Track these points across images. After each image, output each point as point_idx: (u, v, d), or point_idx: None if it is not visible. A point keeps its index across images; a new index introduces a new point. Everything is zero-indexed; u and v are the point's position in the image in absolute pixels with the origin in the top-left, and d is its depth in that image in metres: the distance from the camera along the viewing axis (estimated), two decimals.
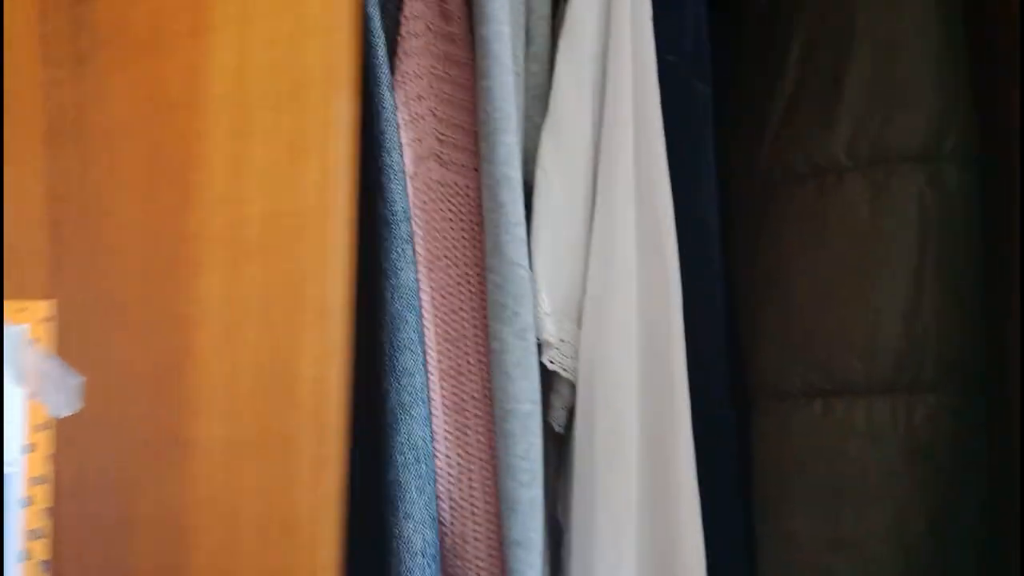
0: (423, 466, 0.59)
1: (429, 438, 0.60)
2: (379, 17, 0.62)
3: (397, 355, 0.59)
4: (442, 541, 0.60)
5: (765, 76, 0.66)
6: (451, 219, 0.64)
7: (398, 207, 0.60)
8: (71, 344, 0.50)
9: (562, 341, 0.62)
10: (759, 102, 0.66)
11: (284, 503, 0.50)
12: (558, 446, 0.65)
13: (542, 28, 0.67)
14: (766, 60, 0.67)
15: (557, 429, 0.64)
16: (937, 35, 0.62)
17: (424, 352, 0.61)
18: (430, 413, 0.61)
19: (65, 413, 0.48)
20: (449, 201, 0.64)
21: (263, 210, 0.50)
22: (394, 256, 0.60)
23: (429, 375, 0.61)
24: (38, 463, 0.49)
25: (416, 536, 0.57)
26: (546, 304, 0.61)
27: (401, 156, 0.61)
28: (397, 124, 0.62)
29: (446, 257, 0.63)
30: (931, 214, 0.60)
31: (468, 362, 0.62)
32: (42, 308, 0.50)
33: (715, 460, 0.62)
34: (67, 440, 0.50)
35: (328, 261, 0.50)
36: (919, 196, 0.60)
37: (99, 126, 0.50)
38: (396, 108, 0.62)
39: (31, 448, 0.50)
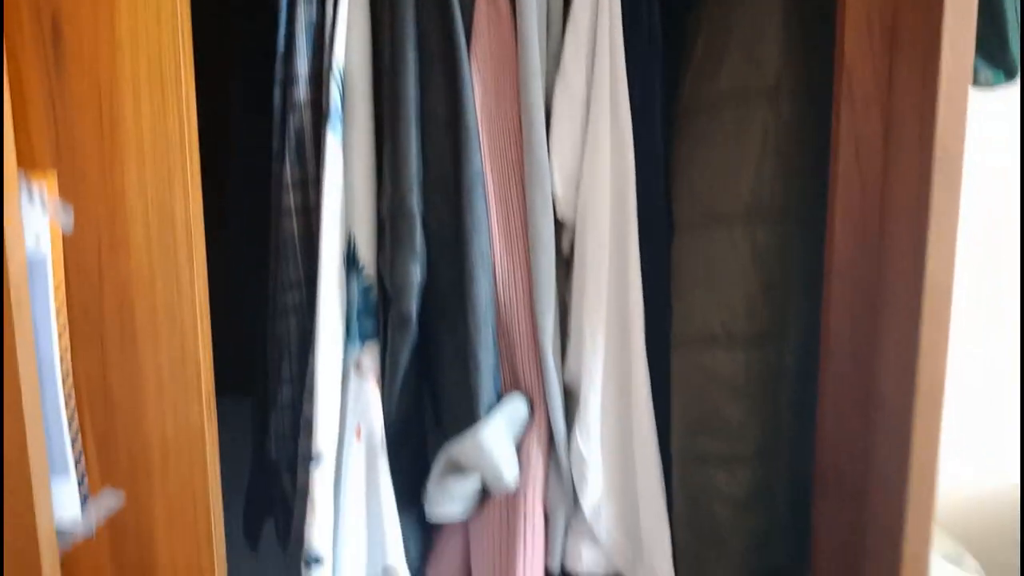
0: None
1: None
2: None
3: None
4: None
5: (687, 49, 1.10)
6: (506, 133, 1.10)
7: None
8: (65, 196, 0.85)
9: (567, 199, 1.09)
10: (684, 66, 1.09)
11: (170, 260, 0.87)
12: None
13: (556, 29, 1.10)
14: (688, 40, 1.10)
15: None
16: (782, 19, 0.98)
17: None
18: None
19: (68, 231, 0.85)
20: (505, 123, 1.09)
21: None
22: (469, 153, 1.06)
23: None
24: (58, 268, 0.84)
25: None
26: (558, 182, 1.09)
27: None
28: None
29: (501, 155, 1.10)
30: (771, 133, 0.97)
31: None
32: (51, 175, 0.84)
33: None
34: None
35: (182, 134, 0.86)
36: (763, 120, 0.97)
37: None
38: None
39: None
